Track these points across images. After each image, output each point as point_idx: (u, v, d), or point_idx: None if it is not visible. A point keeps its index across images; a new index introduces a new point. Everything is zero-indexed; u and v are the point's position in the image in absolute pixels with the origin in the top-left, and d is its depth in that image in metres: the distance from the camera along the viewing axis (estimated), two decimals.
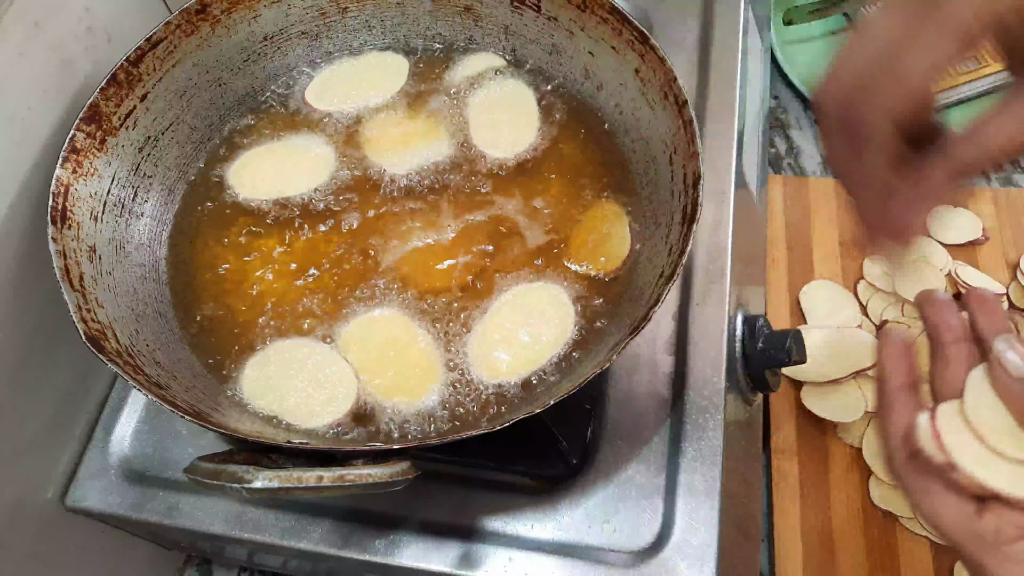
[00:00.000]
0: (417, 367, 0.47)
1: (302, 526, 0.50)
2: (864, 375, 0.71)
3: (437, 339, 0.48)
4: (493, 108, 0.56)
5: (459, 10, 0.57)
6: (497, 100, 0.56)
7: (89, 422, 0.56)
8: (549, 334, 0.47)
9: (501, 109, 0.56)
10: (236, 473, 0.37)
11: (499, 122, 0.55)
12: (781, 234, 0.81)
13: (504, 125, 0.55)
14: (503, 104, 0.56)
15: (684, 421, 0.50)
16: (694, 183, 0.44)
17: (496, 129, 0.55)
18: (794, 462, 0.69)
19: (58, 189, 0.46)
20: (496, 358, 0.47)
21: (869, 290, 0.76)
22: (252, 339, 0.49)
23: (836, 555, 0.65)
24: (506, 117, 0.55)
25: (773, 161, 0.87)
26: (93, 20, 0.54)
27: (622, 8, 0.49)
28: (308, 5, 0.56)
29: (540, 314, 0.48)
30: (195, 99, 0.55)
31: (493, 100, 0.56)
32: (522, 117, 0.55)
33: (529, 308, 0.48)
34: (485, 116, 0.56)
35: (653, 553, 0.46)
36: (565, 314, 0.48)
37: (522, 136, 0.54)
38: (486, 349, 0.47)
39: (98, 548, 0.59)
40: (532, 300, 0.49)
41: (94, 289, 0.45)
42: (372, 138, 0.55)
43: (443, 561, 0.48)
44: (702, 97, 0.62)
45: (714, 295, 0.54)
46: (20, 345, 0.51)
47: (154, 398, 0.40)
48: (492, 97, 0.56)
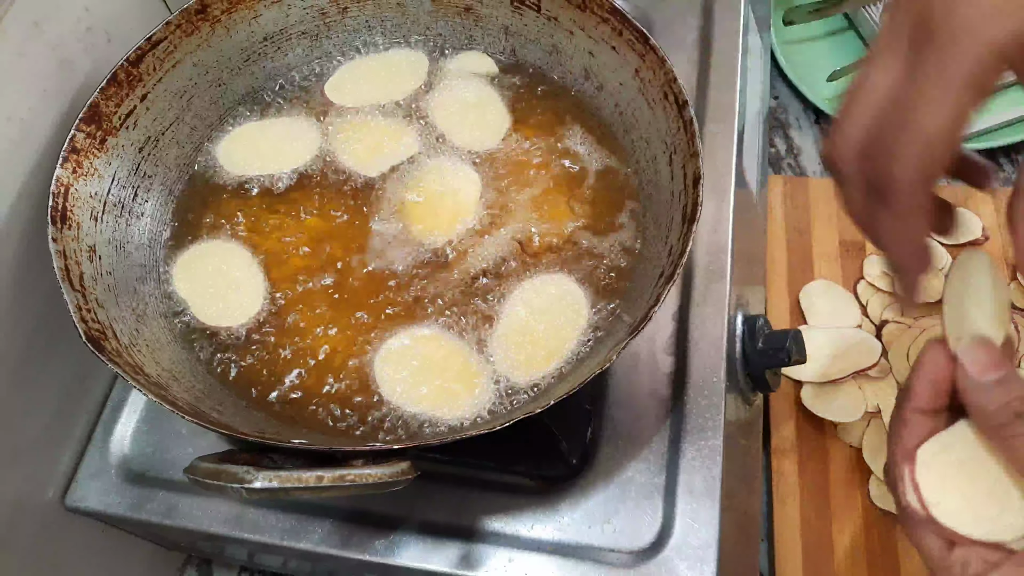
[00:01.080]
0: (457, 381, 0.47)
1: (302, 526, 0.50)
2: (864, 375, 0.71)
3: (471, 347, 0.48)
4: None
5: (459, 10, 0.57)
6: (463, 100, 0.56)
7: (89, 422, 0.56)
8: (565, 325, 0.47)
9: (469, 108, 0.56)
10: (236, 473, 0.37)
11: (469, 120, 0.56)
12: (781, 234, 0.81)
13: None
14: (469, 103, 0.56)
15: (684, 421, 0.50)
16: (694, 183, 0.44)
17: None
18: (794, 462, 0.69)
19: (58, 189, 0.46)
20: (524, 358, 0.47)
21: (869, 290, 0.76)
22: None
23: (836, 555, 0.65)
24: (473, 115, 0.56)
25: (773, 161, 0.87)
26: (93, 20, 0.54)
27: (622, 8, 0.49)
28: (308, 5, 0.56)
29: (552, 308, 0.48)
30: (195, 99, 0.55)
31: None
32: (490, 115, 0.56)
33: (541, 302, 0.48)
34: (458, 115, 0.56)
35: (653, 553, 0.46)
36: (577, 302, 0.48)
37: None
38: (513, 352, 0.47)
39: (98, 548, 0.59)
40: (543, 295, 0.49)
41: (94, 289, 0.45)
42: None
43: (443, 561, 0.48)
44: (702, 97, 0.62)
45: (714, 295, 0.54)
46: (20, 345, 0.51)
47: (154, 398, 0.40)
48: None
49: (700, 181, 0.44)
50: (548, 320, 0.48)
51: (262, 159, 0.55)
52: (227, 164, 0.55)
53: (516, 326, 0.48)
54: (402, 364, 0.47)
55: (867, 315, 0.75)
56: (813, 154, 0.87)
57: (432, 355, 0.47)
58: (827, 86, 0.87)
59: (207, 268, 0.51)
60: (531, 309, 0.48)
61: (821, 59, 0.89)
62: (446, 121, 0.56)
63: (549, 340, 0.47)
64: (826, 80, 0.86)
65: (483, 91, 0.57)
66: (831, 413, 0.69)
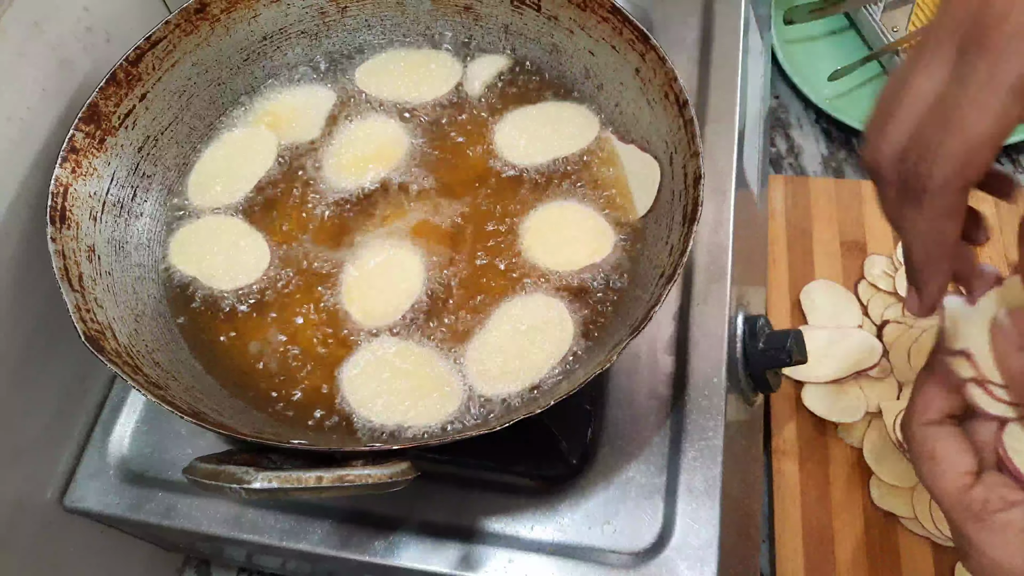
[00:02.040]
0: (433, 390, 0.46)
1: (301, 527, 0.49)
2: (865, 375, 0.70)
3: (443, 356, 0.47)
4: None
5: (459, 9, 0.57)
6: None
7: (88, 422, 0.56)
8: (549, 342, 0.47)
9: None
10: (235, 474, 0.37)
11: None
12: (781, 234, 0.80)
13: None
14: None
15: (685, 421, 0.50)
16: (695, 183, 0.44)
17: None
18: (795, 463, 0.69)
19: (57, 189, 0.46)
20: (499, 372, 0.46)
21: (870, 290, 0.76)
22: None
23: (837, 556, 0.65)
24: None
25: (773, 161, 0.87)
26: (92, 20, 0.54)
27: (622, 7, 0.49)
28: (307, 4, 0.56)
29: (538, 324, 0.48)
30: (194, 99, 0.55)
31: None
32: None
33: (526, 318, 0.48)
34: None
35: (653, 554, 0.46)
36: (563, 320, 0.48)
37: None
38: (488, 364, 0.47)
39: (97, 549, 0.59)
40: (529, 309, 0.48)
41: (93, 289, 0.45)
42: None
43: (443, 562, 0.48)
44: (702, 97, 0.61)
45: (715, 295, 0.54)
46: (20, 345, 0.51)
47: (153, 398, 0.40)
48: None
49: (701, 181, 0.44)
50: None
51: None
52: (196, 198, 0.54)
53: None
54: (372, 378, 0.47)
55: (868, 315, 0.75)
56: (814, 154, 0.87)
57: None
58: (828, 86, 0.87)
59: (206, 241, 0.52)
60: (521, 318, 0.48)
61: (822, 59, 0.89)
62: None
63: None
64: (827, 80, 0.86)
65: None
66: (832, 413, 0.69)
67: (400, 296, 0.49)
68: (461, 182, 0.54)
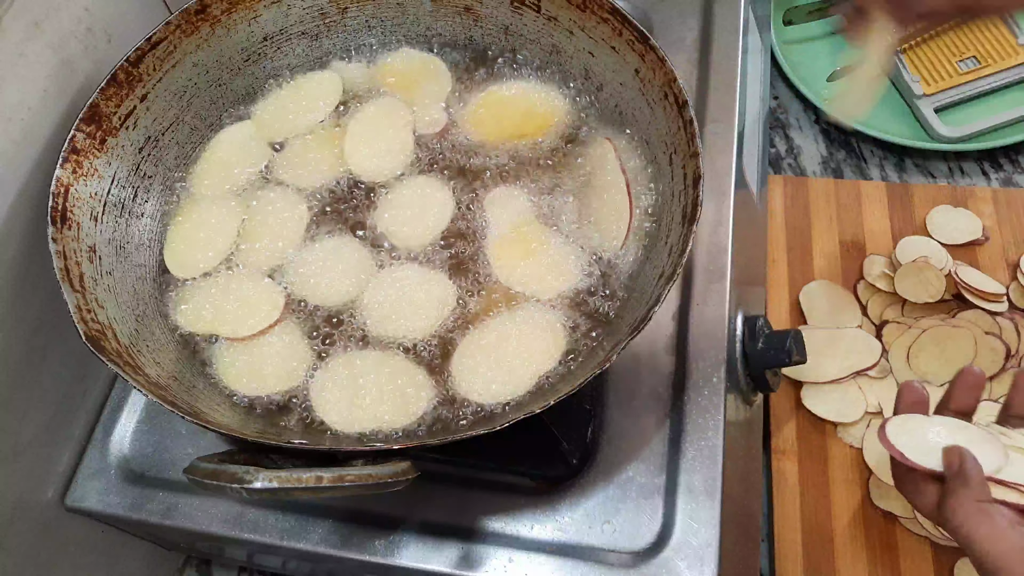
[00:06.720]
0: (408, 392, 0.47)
1: (302, 527, 0.50)
2: (864, 375, 0.71)
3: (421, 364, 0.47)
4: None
5: (459, 10, 0.57)
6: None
7: (89, 422, 0.56)
8: (536, 353, 0.47)
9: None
10: (236, 474, 0.37)
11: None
12: (781, 234, 0.81)
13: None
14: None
15: (684, 421, 0.50)
16: (694, 183, 0.44)
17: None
18: (794, 462, 0.69)
19: (58, 189, 0.46)
20: (484, 382, 0.46)
21: (869, 290, 0.76)
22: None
23: (836, 555, 0.65)
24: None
25: (773, 161, 0.87)
26: (93, 20, 0.54)
27: (622, 8, 0.49)
28: (308, 5, 0.56)
29: (528, 334, 0.47)
30: (195, 99, 0.55)
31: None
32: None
33: (517, 327, 0.48)
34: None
35: (653, 554, 0.46)
36: (554, 329, 0.47)
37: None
38: (473, 374, 0.47)
39: (97, 548, 0.59)
40: (520, 318, 0.48)
41: (94, 289, 0.45)
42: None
43: (443, 562, 0.48)
44: (702, 97, 0.62)
45: (714, 295, 0.54)
46: (20, 345, 0.51)
47: (154, 398, 0.40)
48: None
49: (700, 181, 0.44)
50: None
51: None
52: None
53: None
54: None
55: (867, 315, 0.75)
56: (813, 154, 0.87)
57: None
58: (827, 86, 0.87)
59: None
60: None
61: (821, 59, 0.89)
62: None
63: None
64: (826, 80, 0.86)
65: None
66: (831, 413, 0.69)
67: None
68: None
